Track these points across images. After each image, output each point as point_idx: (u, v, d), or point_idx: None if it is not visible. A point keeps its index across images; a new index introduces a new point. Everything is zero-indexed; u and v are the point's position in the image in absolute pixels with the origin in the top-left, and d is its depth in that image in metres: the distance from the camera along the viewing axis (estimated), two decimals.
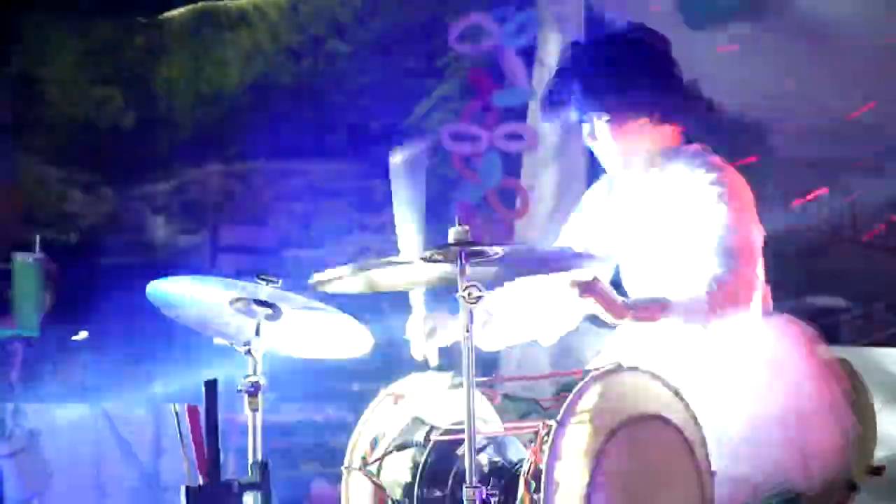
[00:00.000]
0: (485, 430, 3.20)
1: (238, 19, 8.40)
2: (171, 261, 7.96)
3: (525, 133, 7.28)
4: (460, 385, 2.97)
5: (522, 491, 2.95)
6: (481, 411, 3.27)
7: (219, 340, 3.36)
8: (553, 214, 6.97)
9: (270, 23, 8.37)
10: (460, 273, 2.96)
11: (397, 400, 3.31)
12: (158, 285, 3.33)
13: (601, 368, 3.09)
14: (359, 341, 3.38)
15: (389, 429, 3.29)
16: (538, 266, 3.30)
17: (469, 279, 2.95)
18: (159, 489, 6.40)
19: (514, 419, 3.29)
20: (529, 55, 7.31)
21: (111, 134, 8.32)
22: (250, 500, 3.16)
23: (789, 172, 7.25)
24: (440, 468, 3.16)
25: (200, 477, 3.10)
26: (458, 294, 2.93)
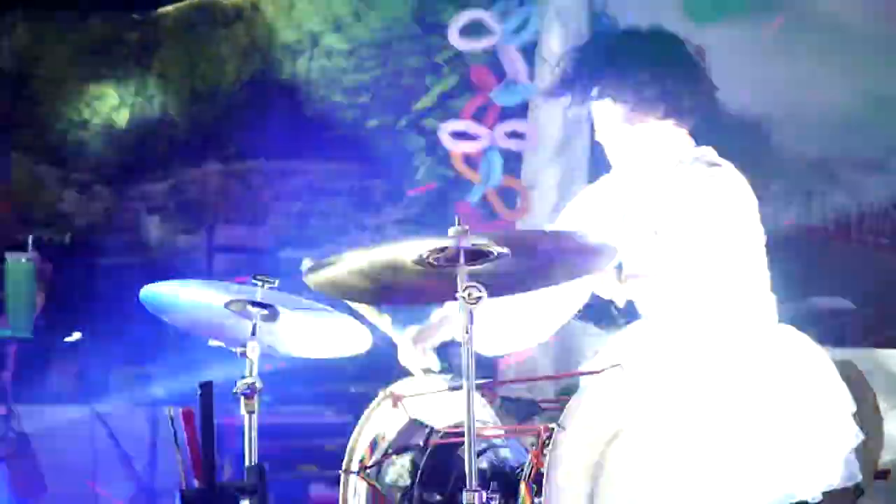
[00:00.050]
0: (485, 433, 3.20)
1: (234, 15, 8.40)
2: (167, 261, 7.96)
3: (526, 131, 7.27)
4: (460, 387, 2.97)
5: (524, 494, 2.95)
6: (481, 414, 3.27)
7: (214, 342, 3.36)
8: (554, 214, 6.95)
9: (267, 19, 8.36)
10: (460, 274, 2.96)
11: (396, 402, 3.31)
12: (152, 291, 3.33)
13: (603, 370, 3.09)
14: (358, 339, 3.38)
15: (388, 431, 3.29)
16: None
17: (469, 279, 2.95)
18: (154, 493, 6.40)
19: (515, 422, 3.29)
20: (531, 52, 7.30)
21: (106, 132, 8.32)
22: None
23: (794, 170, 7.24)
24: (440, 471, 3.16)
25: (196, 481, 3.11)
26: (459, 294, 2.93)
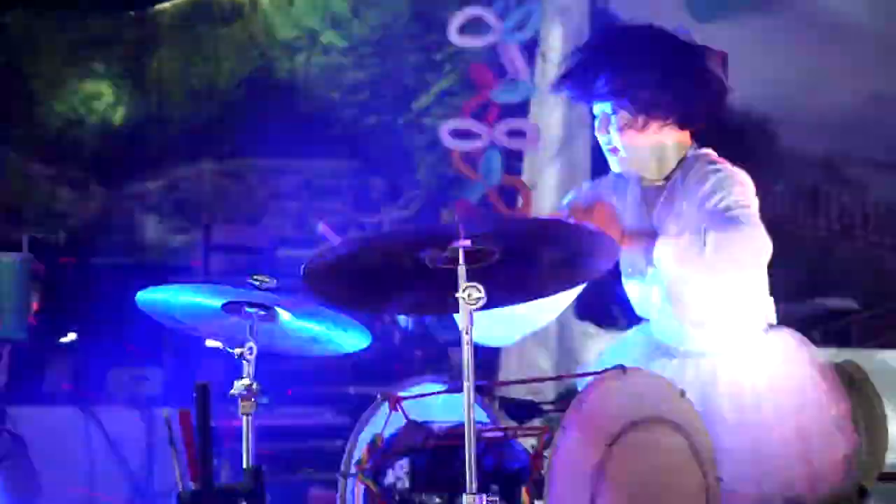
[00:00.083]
0: (485, 435, 3.20)
1: (231, 13, 8.40)
2: (163, 261, 7.96)
3: (527, 129, 7.27)
4: (459, 388, 2.97)
5: (524, 497, 2.95)
6: (481, 415, 3.27)
7: (211, 343, 3.36)
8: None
9: (264, 16, 8.36)
10: (460, 274, 2.96)
11: (395, 403, 3.31)
12: (147, 296, 3.34)
13: (604, 371, 3.09)
14: (357, 338, 3.39)
15: (387, 433, 3.29)
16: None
17: (469, 280, 2.95)
18: (151, 496, 6.40)
19: (515, 423, 3.29)
20: (531, 49, 7.30)
21: (101, 130, 8.32)
22: None
23: (799, 169, 7.25)
24: (439, 474, 3.16)
25: (193, 483, 3.11)
26: (458, 295, 2.93)
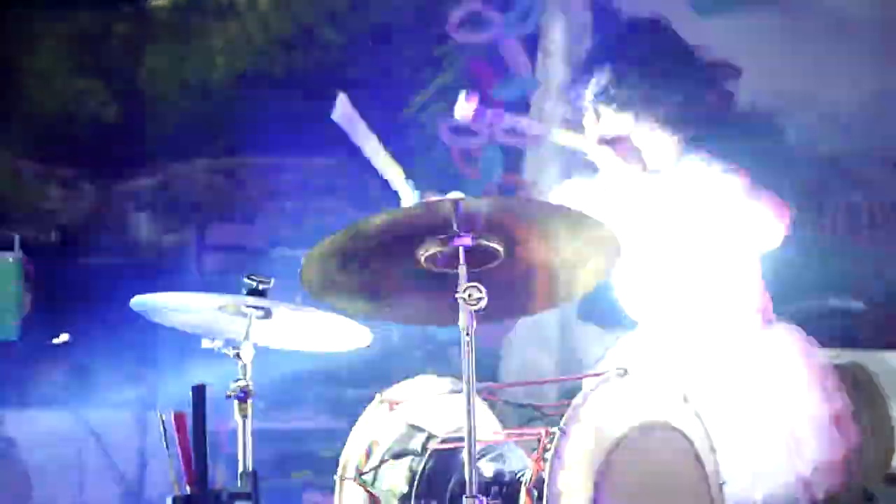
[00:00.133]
0: (485, 438, 3.20)
1: (226, 8, 8.40)
2: (156, 260, 7.96)
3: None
4: (459, 390, 2.97)
5: (524, 501, 2.96)
6: (481, 418, 3.28)
7: (207, 344, 3.37)
8: None
9: (260, 11, 8.37)
10: (461, 273, 2.96)
11: (393, 406, 3.32)
12: (141, 300, 3.35)
13: (606, 373, 3.10)
14: (356, 336, 3.40)
15: (385, 436, 3.29)
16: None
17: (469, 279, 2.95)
18: (144, 500, 6.41)
19: (516, 426, 3.30)
20: (532, 44, 7.30)
21: (93, 127, 8.32)
22: None
23: (805, 166, 7.25)
24: (438, 477, 3.17)
25: (188, 487, 3.11)
26: (458, 295, 2.93)
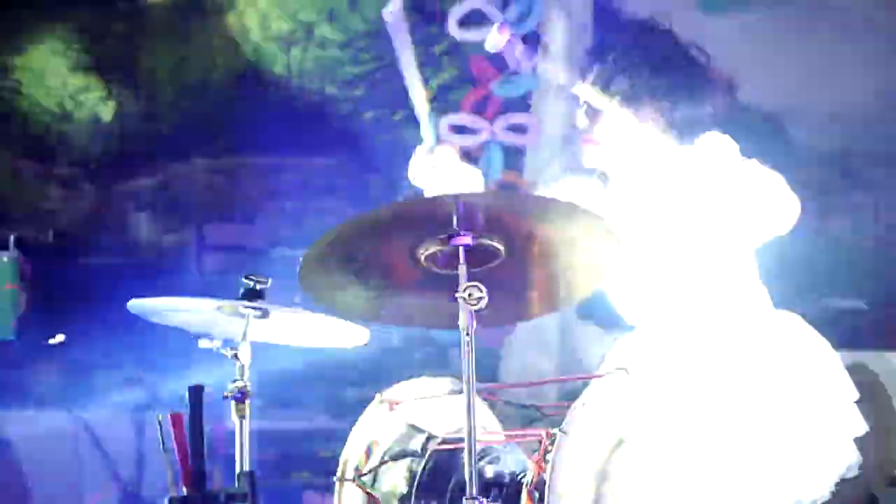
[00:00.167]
0: (485, 439, 3.21)
1: (225, 5, 8.40)
2: (155, 260, 7.96)
3: (528, 124, 7.28)
4: (459, 391, 2.97)
5: (525, 502, 2.96)
6: (482, 419, 3.28)
7: (204, 344, 3.37)
8: None
9: (259, 9, 8.37)
10: (461, 273, 2.96)
11: (392, 407, 3.32)
12: (139, 304, 3.36)
13: (607, 374, 3.10)
14: (354, 334, 3.40)
15: (384, 437, 3.30)
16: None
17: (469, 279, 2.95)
18: (141, 501, 6.41)
19: (517, 427, 3.30)
20: (533, 42, 7.30)
21: (90, 126, 8.32)
22: None
23: (810, 165, 7.25)
24: (438, 478, 3.17)
25: (185, 488, 3.12)
26: (459, 295, 2.93)
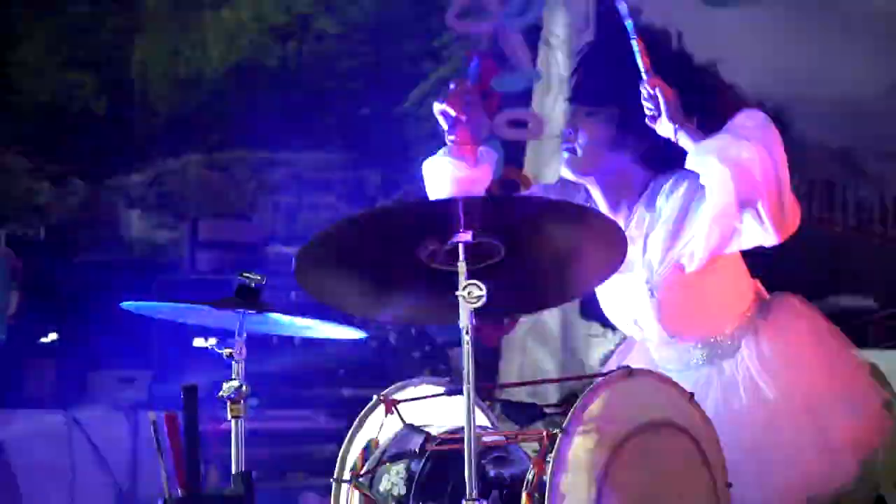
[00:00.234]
0: (485, 439, 3.21)
1: None
2: (148, 257, 7.97)
3: (529, 120, 7.28)
4: (458, 391, 2.98)
5: (525, 503, 2.97)
6: (482, 419, 3.28)
7: (199, 342, 3.38)
8: None
9: (254, 1, 8.38)
10: (460, 270, 2.96)
11: (391, 407, 3.32)
12: (132, 306, 3.36)
13: (609, 373, 3.10)
14: (352, 330, 3.41)
15: (382, 437, 3.30)
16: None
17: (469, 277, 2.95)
18: (136, 502, 6.42)
19: (517, 427, 3.30)
20: (534, 35, 7.31)
21: (83, 121, 8.32)
22: None
23: (815, 161, 7.26)
24: (437, 479, 3.17)
25: (179, 489, 3.12)
26: (458, 293, 2.93)
